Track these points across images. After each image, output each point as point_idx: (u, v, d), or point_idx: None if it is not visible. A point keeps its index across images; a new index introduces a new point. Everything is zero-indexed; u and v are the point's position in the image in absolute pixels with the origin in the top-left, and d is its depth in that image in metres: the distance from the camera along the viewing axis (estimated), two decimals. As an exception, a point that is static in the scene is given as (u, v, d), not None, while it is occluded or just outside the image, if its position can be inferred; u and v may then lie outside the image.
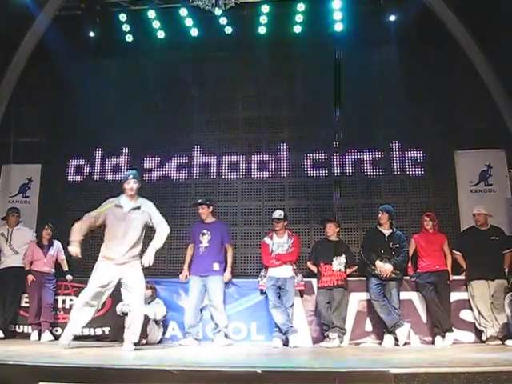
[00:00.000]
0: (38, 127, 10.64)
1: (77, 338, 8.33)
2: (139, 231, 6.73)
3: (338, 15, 10.05)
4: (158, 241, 6.69)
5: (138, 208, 6.79)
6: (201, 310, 8.21)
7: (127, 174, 7.07)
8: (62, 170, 10.39)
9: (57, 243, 8.94)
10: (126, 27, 10.51)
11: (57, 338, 8.37)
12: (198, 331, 8.16)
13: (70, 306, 8.67)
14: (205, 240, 8.28)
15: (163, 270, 9.60)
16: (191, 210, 9.45)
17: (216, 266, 8.12)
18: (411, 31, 9.58)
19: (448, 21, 9.27)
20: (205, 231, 8.34)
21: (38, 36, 9.75)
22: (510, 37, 9.04)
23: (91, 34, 10.38)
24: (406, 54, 9.79)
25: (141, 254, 6.71)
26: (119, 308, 7.78)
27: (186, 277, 8.35)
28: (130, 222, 6.70)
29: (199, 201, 8.64)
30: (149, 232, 6.95)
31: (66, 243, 8.86)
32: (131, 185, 6.80)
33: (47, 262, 8.73)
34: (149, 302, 8.03)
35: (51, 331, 8.47)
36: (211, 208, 8.59)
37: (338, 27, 10.16)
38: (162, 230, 6.76)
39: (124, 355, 6.02)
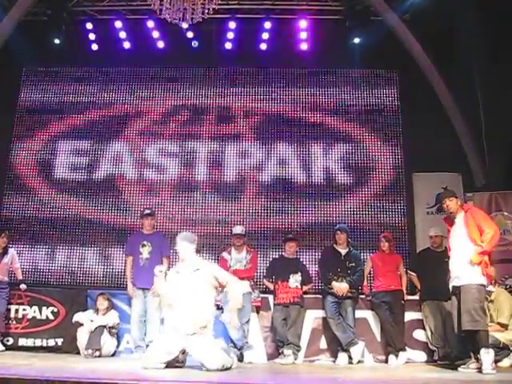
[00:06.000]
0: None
1: (29, 348, 8.24)
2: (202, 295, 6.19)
3: (303, 35, 10.22)
4: (233, 302, 6.23)
5: (197, 269, 6.22)
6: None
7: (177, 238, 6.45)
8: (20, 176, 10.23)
9: (11, 251, 8.73)
10: (91, 36, 10.47)
11: (8, 348, 8.21)
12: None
13: (23, 316, 8.54)
14: (145, 251, 8.05)
15: (119, 282, 9.55)
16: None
17: None
18: (374, 55, 9.78)
19: (410, 46, 9.52)
20: (145, 242, 8.11)
21: (2, 40, 9.64)
22: (469, 63, 9.35)
23: (56, 40, 10.29)
24: (368, 76, 9.97)
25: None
26: (76, 317, 7.81)
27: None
28: (190, 287, 6.13)
29: (148, 211, 8.50)
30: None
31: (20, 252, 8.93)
32: (178, 248, 6.35)
33: (0, 269, 8.51)
34: (104, 314, 7.97)
35: (2, 341, 8.25)
36: (155, 219, 8.57)
37: (303, 46, 10.33)
38: (234, 288, 6.27)
39: (76, 367, 5.94)
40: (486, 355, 5.87)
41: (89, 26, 10.38)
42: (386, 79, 10.24)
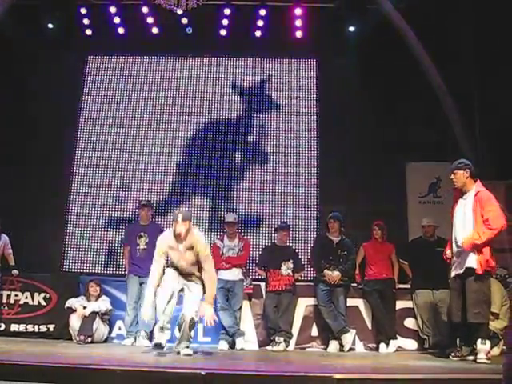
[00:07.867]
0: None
1: (20, 334, 8.23)
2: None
3: (298, 22, 10.17)
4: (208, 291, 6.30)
5: (192, 248, 6.30)
6: None
7: (174, 214, 6.35)
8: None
9: (4, 237, 8.68)
10: (85, 21, 10.39)
11: (-1, 333, 8.23)
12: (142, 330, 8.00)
13: (15, 302, 8.52)
14: (142, 242, 8.16)
15: (111, 268, 9.56)
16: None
17: None
18: (369, 43, 9.74)
19: (404, 34, 9.47)
20: (142, 234, 8.22)
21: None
22: (464, 53, 9.35)
23: (50, 25, 10.20)
24: (363, 65, 9.94)
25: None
26: (69, 303, 7.86)
27: None
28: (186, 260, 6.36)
29: (144, 202, 8.63)
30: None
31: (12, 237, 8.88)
32: (179, 227, 6.19)
33: (-8, 255, 8.52)
34: (95, 300, 7.97)
35: (-7, 327, 8.28)
36: (152, 210, 8.64)
37: (298, 34, 10.28)
38: (208, 276, 6.34)
39: (67, 353, 5.94)
40: (483, 346, 5.89)
41: (83, 10, 10.29)
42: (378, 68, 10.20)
